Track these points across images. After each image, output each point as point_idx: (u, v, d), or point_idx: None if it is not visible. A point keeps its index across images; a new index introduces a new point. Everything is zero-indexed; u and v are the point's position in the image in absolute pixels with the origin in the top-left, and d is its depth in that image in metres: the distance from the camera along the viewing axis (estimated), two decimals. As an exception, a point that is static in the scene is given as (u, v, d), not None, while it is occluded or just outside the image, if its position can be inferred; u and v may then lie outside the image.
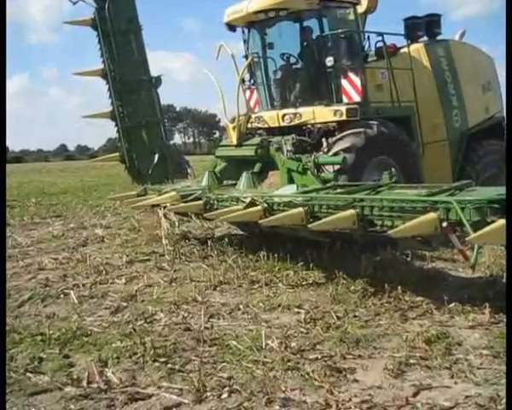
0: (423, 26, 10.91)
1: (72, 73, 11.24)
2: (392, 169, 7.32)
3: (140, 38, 10.90)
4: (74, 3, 10.09)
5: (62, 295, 6.75)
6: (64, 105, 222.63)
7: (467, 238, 4.49)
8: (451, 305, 5.54)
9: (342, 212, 5.90)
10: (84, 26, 10.75)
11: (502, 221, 4.42)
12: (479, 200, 4.89)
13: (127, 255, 8.76)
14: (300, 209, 6.43)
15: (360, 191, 6.56)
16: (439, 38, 11.11)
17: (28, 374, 4.41)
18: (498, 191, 5.15)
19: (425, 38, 10.98)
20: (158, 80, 10.84)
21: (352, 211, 5.82)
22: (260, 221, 6.62)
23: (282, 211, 6.89)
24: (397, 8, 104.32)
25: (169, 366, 4.49)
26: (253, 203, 7.27)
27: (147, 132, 10.40)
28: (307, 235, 6.72)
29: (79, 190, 21.68)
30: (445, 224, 4.91)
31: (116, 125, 10.29)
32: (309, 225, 5.95)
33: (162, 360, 4.59)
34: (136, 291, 6.69)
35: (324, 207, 6.39)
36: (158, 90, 11.05)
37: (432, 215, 5.04)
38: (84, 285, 7.14)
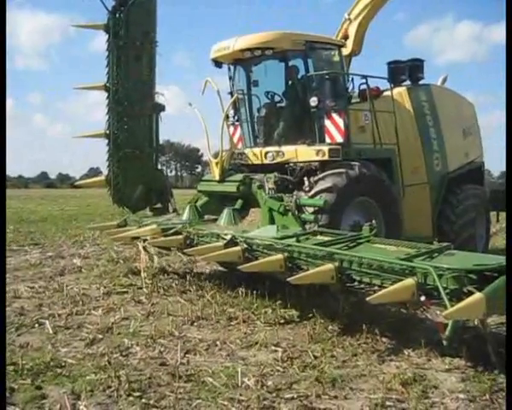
0: (406, 71, 11.11)
1: (73, 88, 10.68)
2: (373, 221, 7.36)
3: (153, 57, 9.99)
4: None
5: (37, 325, 6.65)
6: (47, 132, 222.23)
7: (443, 313, 4.51)
8: (428, 348, 5.56)
9: (321, 266, 5.95)
10: (95, 30, 9.98)
11: (479, 295, 4.45)
12: (457, 269, 4.93)
13: (105, 287, 8.68)
14: (280, 256, 6.49)
15: (340, 242, 6.61)
16: (421, 82, 11.31)
17: (-1, 405, 4.32)
18: (477, 260, 5.23)
19: (408, 82, 11.18)
20: (161, 107, 10.30)
21: (330, 265, 5.86)
22: (239, 267, 6.66)
23: (261, 253, 6.95)
24: (381, 51, 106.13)
25: (143, 400, 4.44)
26: (233, 241, 7.30)
27: (138, 163, 9.93)
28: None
29: (59, 219, 21.50)
30: (423, 298, 4.96)
31: (108, 144, 9.84)
32: (288, 279, 5.96)
33: (136, 394, 4.54)
34: (112, 324, 6.62)
35: (304, 255, 6.44)
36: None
37: (409, 281, 5.07)
38: (59, 315, 7.05)
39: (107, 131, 9.75)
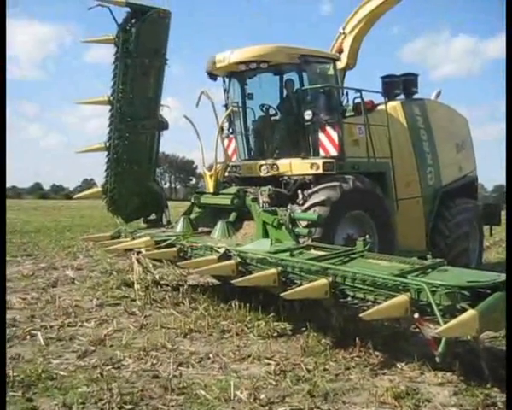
0: (400, 85, 11.19)
1: (75, 102, 10.56)
2: (367, 236, 7.35)
3: (161, 75, 9.76)
4: (90, 8, 9.22)
5: (29, 337, 6.61)
6: (42, 143, 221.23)
7: (436, 331, 4.51)
8: (421, 361, 5.55)
9: (315, 281, 5.93)
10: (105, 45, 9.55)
11: (472, 312, 4.47)
12: (450, 285, 4.93)
13: (97, 298, 8.66)
14: (273, 270, 6.47)
15: (333, 257, 6.60)
16: (415, 96, 11.38)
17: (-11, 417, 4.29)
18: (470, 276, 5.23)
19: (402, 97, 11.24)
20: (165, 125, 10.11)
21: (324, 281, 5.83)
22: (232, 281, 6.62)
23: (255, 267, 6.95)
24: (377, 65, 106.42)
25: (135, 413, 4.41)
26: (226, 255, 7.29)
27: (136, 177, 9.83)
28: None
29: (52, 230, 21.41)
30: (416, 315, 4.94)
31: (107, 156, 9.72)
32: (281, 294, 5.90)
33: (129, 407, 4.51)
34: (104, 335, 6.59)
35: (297, 270, 6.43)
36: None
37: (403, 298, 5.05)
38: (51, 327, 7.02)
39: (107, 144, 9.68)
